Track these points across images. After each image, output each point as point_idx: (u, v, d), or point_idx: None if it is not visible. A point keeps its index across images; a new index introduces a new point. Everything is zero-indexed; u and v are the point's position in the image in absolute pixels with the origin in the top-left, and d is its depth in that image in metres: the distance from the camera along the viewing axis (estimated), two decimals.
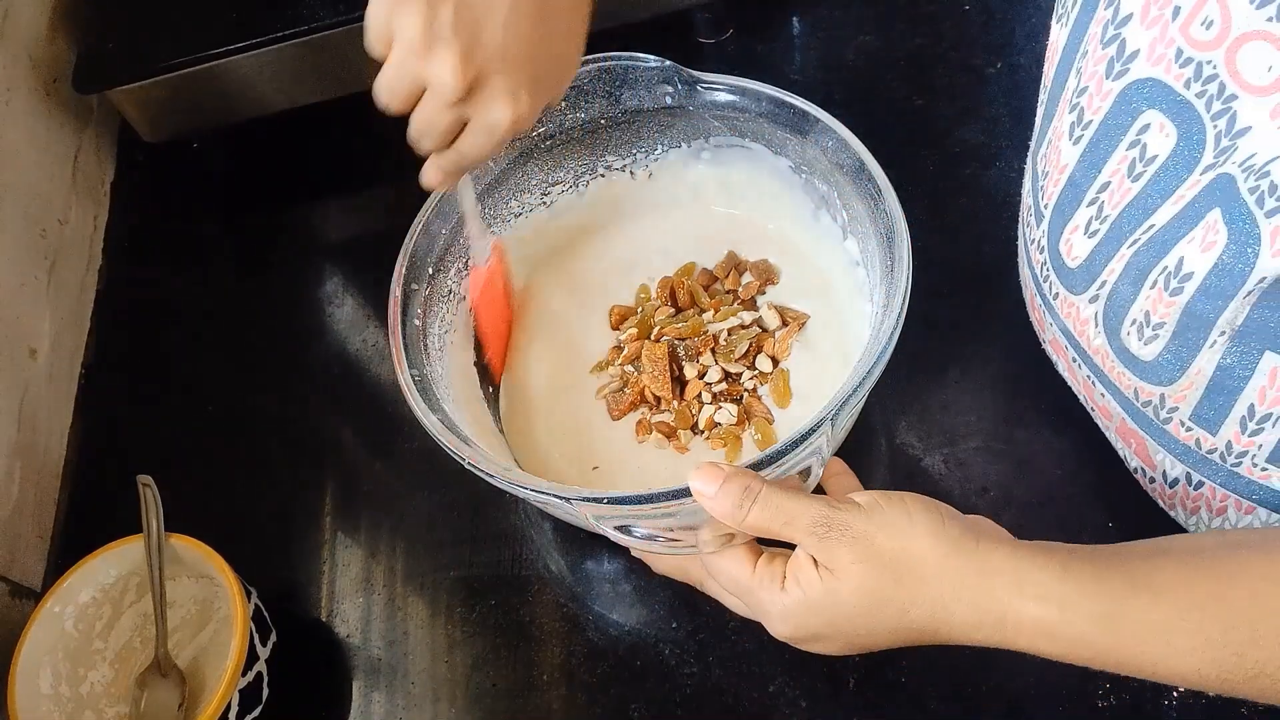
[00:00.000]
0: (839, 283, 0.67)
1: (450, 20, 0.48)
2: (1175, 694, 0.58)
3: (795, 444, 0.49)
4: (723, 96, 0.64)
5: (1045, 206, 0.56)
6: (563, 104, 0.66)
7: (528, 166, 0.68)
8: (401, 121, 0.89)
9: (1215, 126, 0.42)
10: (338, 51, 0.79)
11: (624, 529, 0.50)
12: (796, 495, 0.46)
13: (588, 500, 0.50)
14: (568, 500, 0.50)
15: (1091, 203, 0.51)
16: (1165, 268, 0.47)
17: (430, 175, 0.56)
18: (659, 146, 0.70)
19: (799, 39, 0.87)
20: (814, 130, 0.62)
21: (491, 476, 0.53)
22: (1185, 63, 0.42)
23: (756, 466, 0.49)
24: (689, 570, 0.53)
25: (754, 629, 0.62)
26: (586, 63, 0.63)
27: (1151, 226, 0.47)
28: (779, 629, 0.48)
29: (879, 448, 0.51)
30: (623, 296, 0.70)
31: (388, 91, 0.51)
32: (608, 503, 0.49)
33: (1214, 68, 0.41)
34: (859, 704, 0.60)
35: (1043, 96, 0.57)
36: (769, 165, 0.67)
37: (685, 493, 0.47)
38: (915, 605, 0.44)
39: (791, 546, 0.47)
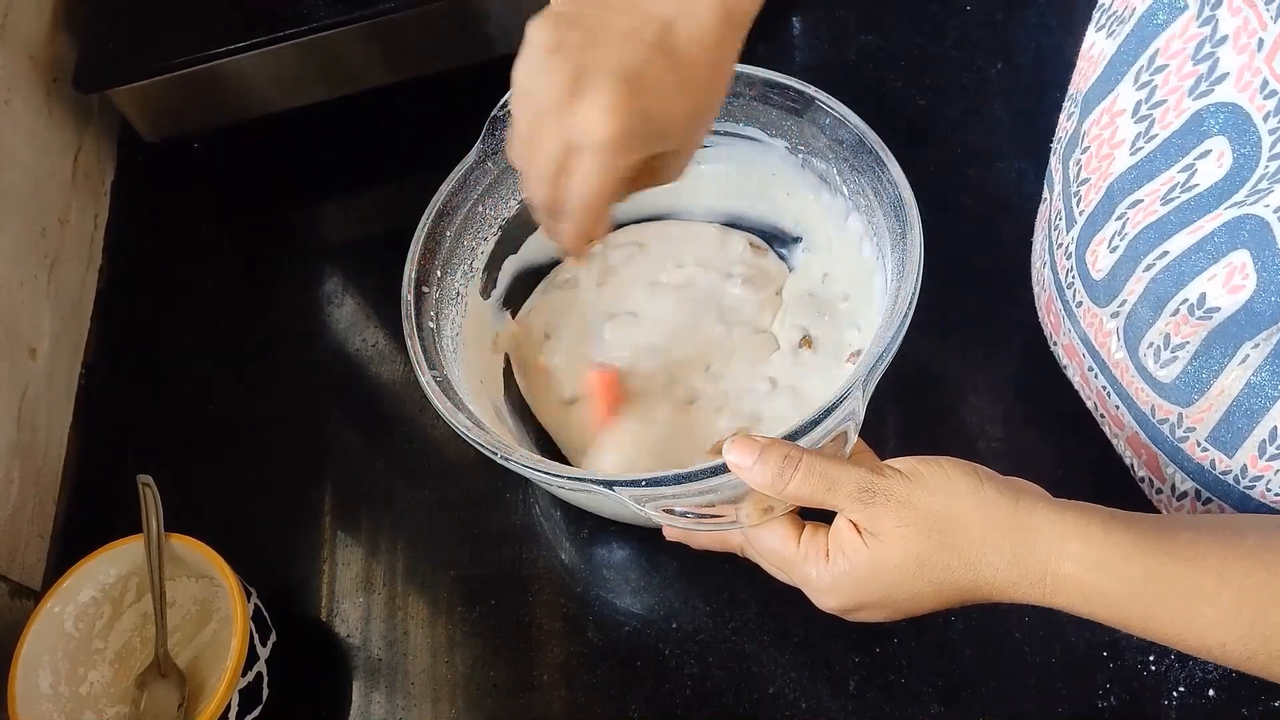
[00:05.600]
0: (847, 256, 0.67)
1: (573, 40, 0.46)
2: (1175, 694, 0.58)
3: (830, 410, 0.50)
4: None
5: (1080, 212, 0.55)
6: None
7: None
8: (400, 122, 0.89)
9: (1266, 168, 0.41)
10: (338, 51, 0.79)
11: (667, 510, 0.50)
12: (838, 462, 0.46)
13: (627, 484, 0.50)
14: (608, 486, 0.50)
15: (1119, 217, 0.51)
16: (1186, 299, 0.47)
17: (566, 242, 0.52)
18: None
19: (799, 39, 0.87)
20: (810, 109, 0.63)
21: (528, 469, 0.53)
22: (1270, 94, 0.41)
23: (795, 435, 0.49)
24: (729, 539, 0.53)
25: (754, 629, 0.63)
26: None
27: (1166, 254, 0.47)
28: (826, 601, 0.48)
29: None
30: (626, 289, 0.71)
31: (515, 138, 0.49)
32: (646, 484, 0.49)
33: None
34: (859, 704, 0.60)
35: (1070, 106, 0.57)
36: (764, 148, 0.68)
37: (724, 468, 0.47)
38: (959, 565, 0.44)
39: (831, 517, 0.47)
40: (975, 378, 0.69)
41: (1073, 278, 0.57)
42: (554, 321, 0.71)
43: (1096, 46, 0.53)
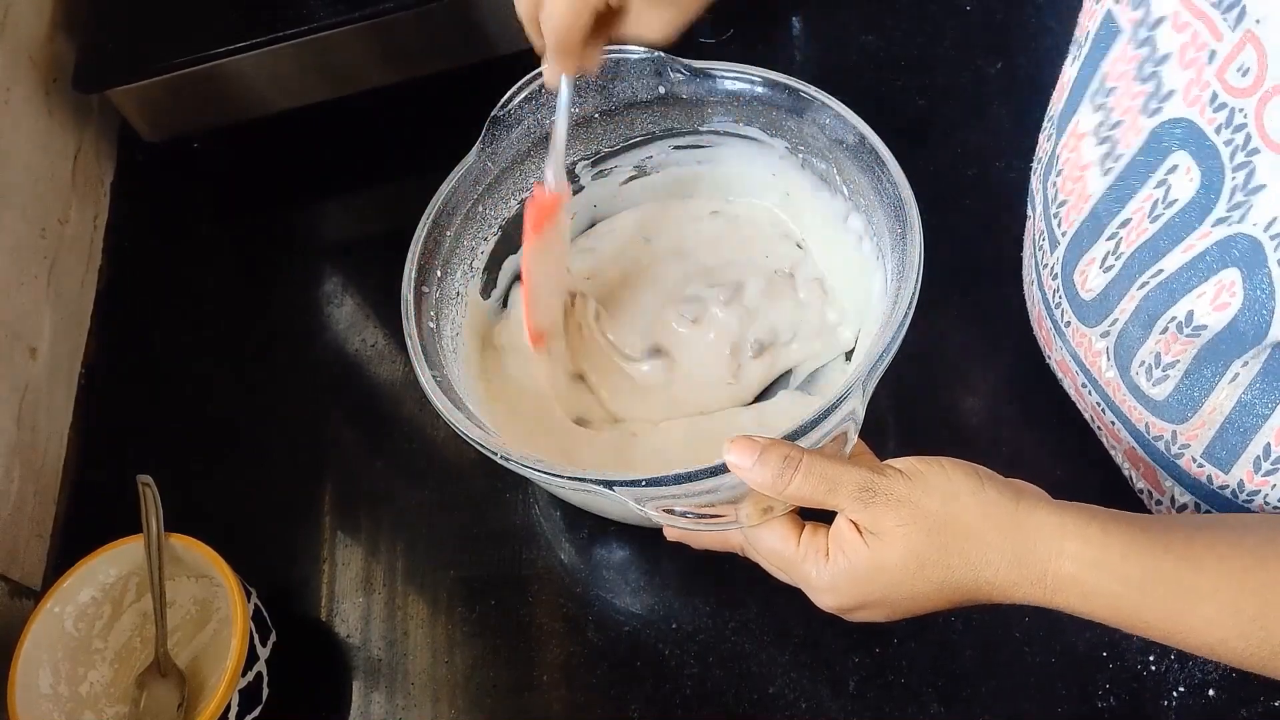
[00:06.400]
0: (847, 255, 0.67)
1: None
2: (1175, 694, 0.58)
3: (830, 409, 0.50)
4: (715, 83, 0.65)
5: (1062, 234, 0.56)
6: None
7: (524, 164, 0.68)
8: (400, 122, 0.89)
9: (1234, 179, 0.42)
10: (338, 51, 0.79)
11: (666, 510, 0.50)
12: (838, 462, 0.46)
13: (627, 484, 0.50)
14: (608, 486, 0.50)
15: (1111, 237, 0.51)
16: (1175, 317, 0.47)
17: (546, 72, 0.59)
18: (654, 136, 0.70)
19: (799, 39, 0.87)
20: (810, 109, 0.63)
21: (528, 469, 0.53)
22: (1219, 107, 0.42)
23: (795, 435, 0.49)
24: (729, 539, 0.53)
25: (754, 629, 0.63)
26: None
27: (1160, 271, 0.47)
28: (825, 600, 0.48)
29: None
30: (624, 290, 0.71)
31: None
32: (646, 484, 0.49)
33: (1244, 116, 0.40)
34: (859, 704, 0.60)
35: (1049, 127, 0.57)
36: (765, 148, 0.68)
37: (724, 468, 0.47)
38: (959, 565, 0.44)
39: (831, 517, 0.47)
40: (975, 378, 0.69)
41: (1060, 298, 0.57)
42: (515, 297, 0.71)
43: (1066, 74, 0.54)
